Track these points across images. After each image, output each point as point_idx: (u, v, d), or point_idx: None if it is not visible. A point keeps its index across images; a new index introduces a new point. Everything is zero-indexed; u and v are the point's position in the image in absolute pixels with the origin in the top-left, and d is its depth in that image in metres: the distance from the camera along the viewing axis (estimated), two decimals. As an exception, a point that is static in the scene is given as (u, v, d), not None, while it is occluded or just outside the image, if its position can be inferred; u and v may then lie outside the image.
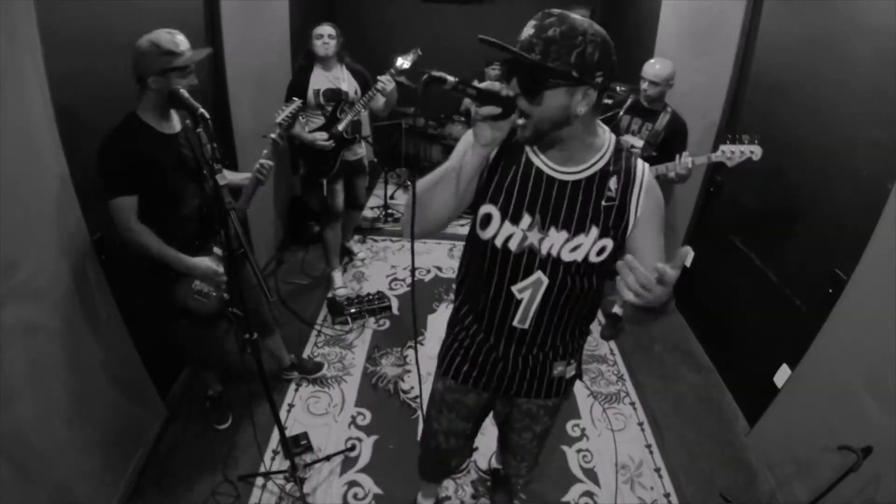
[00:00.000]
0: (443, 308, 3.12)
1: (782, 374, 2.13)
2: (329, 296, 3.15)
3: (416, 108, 3.72)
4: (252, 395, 2.11)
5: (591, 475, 2.12)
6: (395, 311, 3.05)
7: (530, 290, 1.16)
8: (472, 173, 1.04)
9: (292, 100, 1.92)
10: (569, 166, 1.08)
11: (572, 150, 1.07)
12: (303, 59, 2.80)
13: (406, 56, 2.71)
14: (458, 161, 1.04)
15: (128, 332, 1.84)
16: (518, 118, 0.97)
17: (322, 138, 2.73)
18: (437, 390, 1.46)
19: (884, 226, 1.66)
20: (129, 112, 1.59)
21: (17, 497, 1.35)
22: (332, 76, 2.77)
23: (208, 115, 1.39)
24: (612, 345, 2.93)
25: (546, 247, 1.11)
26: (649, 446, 2.29)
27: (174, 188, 1.66)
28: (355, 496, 1.96)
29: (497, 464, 2.02)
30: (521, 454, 1.55)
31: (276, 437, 2.10)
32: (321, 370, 2.51)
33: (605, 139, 1.10)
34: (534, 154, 1.09)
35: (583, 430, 2.34)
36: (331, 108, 2.78)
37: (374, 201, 4.43)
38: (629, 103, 2.63)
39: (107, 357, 1.74)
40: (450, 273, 3.49)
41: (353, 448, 2.15)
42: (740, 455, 2.25)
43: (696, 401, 2.57)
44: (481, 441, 1.63)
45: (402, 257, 3.65)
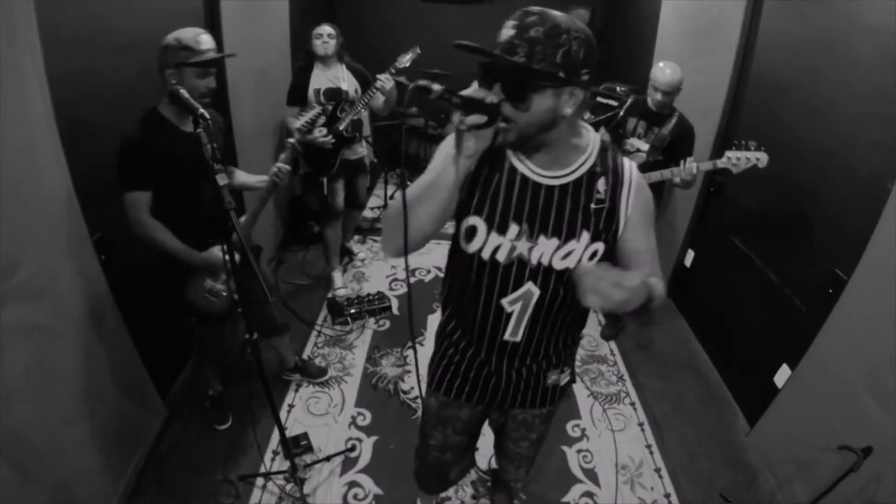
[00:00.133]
0: (443, 308, 3.12)
1: (782, 374, 2.13)
2: (329, 296, 3.15)
3: (401, 117, 3.73)
4: (252, 395, 2.11)
5: (592, 475, 2.12)
6: (395, 311, 3.05)
7: (521, 302, 1.12)
8: (454, 186, 0.98)
9: (312, 106, 1.92)
10: (555, 170, 1.03)
11: (557, 153, 1.03)
12: (303, 59, 2.82)
13: (405, 55, 2.72)
14: (439, 174, 0.98)
15: (128, 332, 1.84)
16: (500, 122, 0.93)
17: (321, 134, 2.74)
18: (430, 406, 1.41)
19: (884, 226, 1.66)
20: (150, 107, 1.59)
21: (17, 497, 1.35)
22: (332, 75, 2.79)
23: (208, 116, 1.39)
24: (612, 345, 2.93)
25: (536, 256, 1.06)
26: (649, 446, 2.29)
27: (190, 186, 1.65)
28: (355, 496, 1.96)
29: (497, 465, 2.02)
30: (519, 461, 1.55)
31: (276, 437, 2.10)
32: (325, 375, 2.51)
33: (590, 138, 1.06)
34: (517, 160, 1.04)
35: (583, 430, 2.34)
36: (331, 107, 2.79)
37: (374, 201, 4.43)
38: (629, 103, 2.62)
39: (107, 357, 1.73)
40: (450, 273, 3.48)
41: (353, 448, 2.15)
42: (740, 455, 2.25)
43: (696, 401, 2.57)
44: (481, 441, 1.63)
45: (401, 257, 3.64)
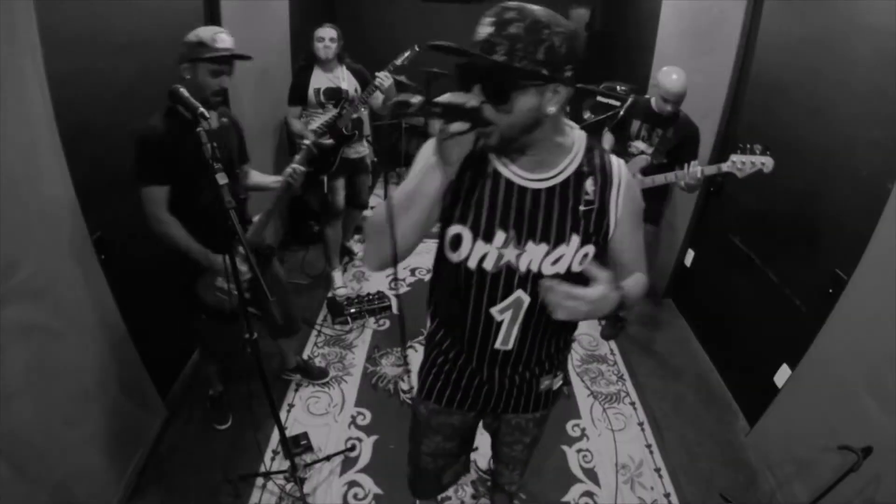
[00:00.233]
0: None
1: (782, 374, 2.13)
2: (329, 296, 3.16)
3: (401, 115, 3.74)
4: (252, 395, 2.10)
5: (592, 475, 2.12)
6: (394, 310, 3.05)
7: (511, 310, 1.08)
8: (437, 193, 0.93)
9: (328, 108, 1.90)
10: (540, 172, 0.99)
11: (542, 154, 0.99)
12: (303, 60, 2.85)
13: (403, 53, 2.73)
14: (419, 181, 0.93)
15: (128, 331, 1.84)
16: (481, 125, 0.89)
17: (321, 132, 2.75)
18: (421, 414, 1.38)
19: (884, 226, 1.66)
20: (169, 104, 1.58)
21: (17, 497, 1.35)
22: (332, 76, 2.80)
23: (208, 115, 1.39)
24: (612, 345, 2.93)
25: (525, 263, 1.03)
26: (649, 446, 2.29)
27: (205, 182, 1.65)
28: (355, 496, 1.96)
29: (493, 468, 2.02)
30: (513, 464, 1.54)
31: (276, 437, 2.10)
32: (326, 377, 2.51)
33: (575, 137, 1.02)
34: (501, 164, 1.00)
35: (583, 430, 2.34)
36: (331, 107, 2.80)
37: (374, 201, 4.43)
38: (630, 102, 2.61)
39: (107, 357, 1.73)
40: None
41: (353, 448, 2.15)
42: (740, 455, 2.25)
43: (696, 401, 2.57)
44: (481, 441, 1.63)
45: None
